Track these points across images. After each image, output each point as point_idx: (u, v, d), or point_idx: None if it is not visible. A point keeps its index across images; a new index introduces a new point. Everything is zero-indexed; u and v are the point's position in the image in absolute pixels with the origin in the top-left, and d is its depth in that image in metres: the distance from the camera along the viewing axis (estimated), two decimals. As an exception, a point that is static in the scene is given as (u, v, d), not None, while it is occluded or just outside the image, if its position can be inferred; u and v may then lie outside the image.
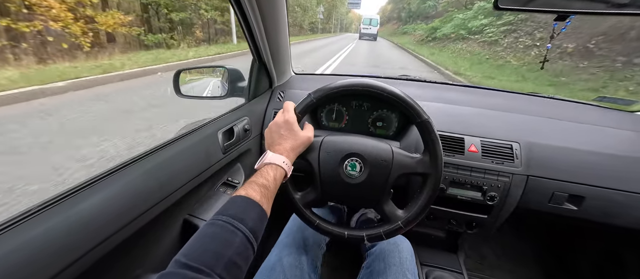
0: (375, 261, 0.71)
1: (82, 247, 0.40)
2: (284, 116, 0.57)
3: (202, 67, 1.19)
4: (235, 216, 0.40)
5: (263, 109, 1.04)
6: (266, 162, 0.51)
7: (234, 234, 0.38)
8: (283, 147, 0.54)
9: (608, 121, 0.90)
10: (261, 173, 0.49)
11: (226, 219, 0.39)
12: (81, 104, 3.58)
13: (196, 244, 0.37)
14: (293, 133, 0.56)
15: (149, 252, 0.57)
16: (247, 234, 0.39)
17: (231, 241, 0.37)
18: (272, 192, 0.48)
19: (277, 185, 0.50)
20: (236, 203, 0.43)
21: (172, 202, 0.58)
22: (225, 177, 0.84)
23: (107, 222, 0.44)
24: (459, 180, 0.84)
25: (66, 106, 3.48)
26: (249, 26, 0.83)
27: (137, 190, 0.50)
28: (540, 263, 1.30)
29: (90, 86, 4.25)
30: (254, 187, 0.46)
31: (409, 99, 0.55)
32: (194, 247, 0.36)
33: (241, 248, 0.38)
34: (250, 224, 0.40)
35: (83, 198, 0.43)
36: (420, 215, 0.57)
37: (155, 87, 4.53)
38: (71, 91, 3.95)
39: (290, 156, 0.54)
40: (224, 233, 0.38)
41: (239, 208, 0.42)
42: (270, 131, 0.57)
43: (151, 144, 0.59)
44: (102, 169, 0.48)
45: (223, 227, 0.39)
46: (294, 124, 0.56)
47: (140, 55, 6.79)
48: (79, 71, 4.49)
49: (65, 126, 2.89)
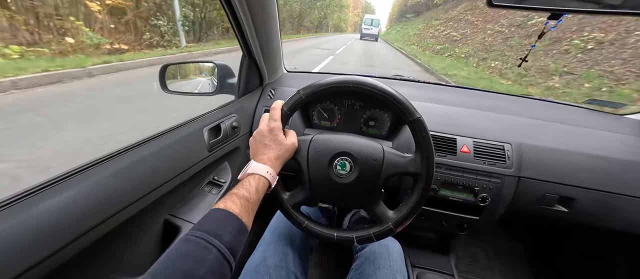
0: (364, 263, 0.69)
1: (43, 250, 0.37)
2: (269, 124, 0.55)
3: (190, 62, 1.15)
4: (211, 231, 0.38)
5: (253, 107, 1.01)
6: (249, 173, 0.50)
7: (208, 251, 0.36)
8: (267, 156, 0.53)
9: (598, 124, 0.91)
10: (243, 184, 0.47)
11: (200, 235, 0.37)
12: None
13: (166, 263, 0.35)
14: (277, 142, 0.54)
15: (124, 255, 0.54)
16: (223, 251, 0.37)
17: (204, 258, 0.36)
18: (254, 204, 0.47)
19: (259, 197, 0.48)
20: (212, 217, 0.41)
21: (150, 202, 0.55)
22: (211, 176, 0.81)
23: (72, 223, 0.41)
24: (451, 181, 0.83)
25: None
26: (237, 21, 0.80)
27: (107, 190, 0.47)
28: (531, 264, 1.30)
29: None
30: (234, 200, 0.44)
31: (400, 97, 0.54)
32: (164, 266, 0.34)
33: (215, 265, 0.36)
34: (226, 238, 0.39)
35: (44, 198, 0.40)
36: (411, 216, 0.56)
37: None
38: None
39: (274, 166, 0.53)
40: (196, 250, 0.36)
41: (215, 222, 0.40)
42: (255, 140, 0.56)
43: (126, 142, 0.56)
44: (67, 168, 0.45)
45: (196, 243, 0.37)
46: (278, 133, 0.55)
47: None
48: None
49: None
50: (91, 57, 4.79)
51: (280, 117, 0.56)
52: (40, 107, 2.90)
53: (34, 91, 3.27)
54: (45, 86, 3.49)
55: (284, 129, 0.57)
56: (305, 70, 1.34)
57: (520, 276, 1.25)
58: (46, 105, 2.99)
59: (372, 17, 25.56)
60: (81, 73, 4.07)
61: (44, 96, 3.23)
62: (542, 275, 1.25)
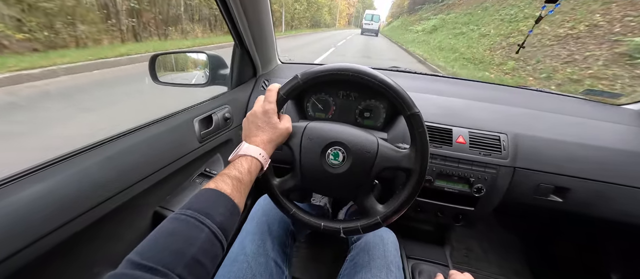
0: (359, 254, 0.69)
1: (21, 240, 0.36)
2: (263, 106, 0.54)
3: (180, 52, 1.12)
4: (201, 210, 0.36)
5: (246, 98, 0.99)
6: (241, 154, 0.48)
7: (199, 230, 0.35)
8: (260, 138, 0.51)
9: (594, 114, 0.90)
10: (234, 165, 0.46)
11: (191, 214, 0.36)
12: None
13: (153, 241, 0.33)
14: (271, 125, 0.53)
15: (109, 247, 0.52)
16: (215, 230, 0.36)
17: (195, 237, 0.34)
18: (246, 185, 0.45)
19: (252, 178, 0.47)
20: (203, 196, 0.39)
21: (136, 193, 0.53)
22: (203, 168, 0.80)
23: (53, 212, 0.40)
24: (447, 172, 0.82)
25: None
26: (228, 10, 0.78)
27: (90, 179, 0.45)
28: (525, 254, 1.31)
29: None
30: (225, 180, 0.42)
31: (399, 89, 0.52)
32: (150, 244, 0.32)
33: (207, 244, 0.34)
34: (218, 219, 0.37)
35: (24, 186, 0.39)
36: (400, 211, 0.55)
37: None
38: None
39: (267, 148, 0.51)
40: (187, 228, 0.35)
41: (206, 202, 0.38)
42: (248, 121, 0.54)
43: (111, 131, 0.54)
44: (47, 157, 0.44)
45: (187, 222, 0.35)
46: (273, 116, 0.53)
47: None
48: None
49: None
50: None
51: (275, 99, 0.54)
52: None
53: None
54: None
55: (279, 114, 0.56)
56: (300, 61, 1.32)
57: (516, 267, 1.26)
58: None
59: (372, 13, 26.78)
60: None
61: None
62: (537, 265, 1.26)
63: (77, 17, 5.46)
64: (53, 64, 3.63)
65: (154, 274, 0.29)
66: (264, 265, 0.61)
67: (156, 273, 0.29)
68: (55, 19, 5.03)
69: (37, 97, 3.08)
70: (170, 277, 0.30)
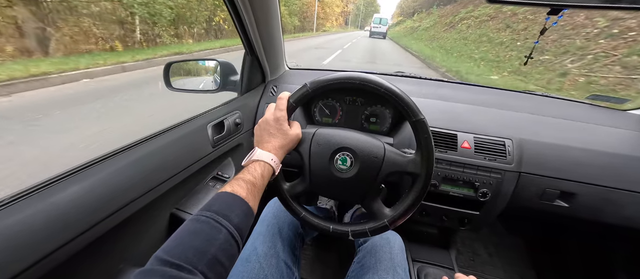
0: (366, 256, 0.71)
1: (59, 239, 0.39)
2: (275, 113, 0.56)
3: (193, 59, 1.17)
4: (220, 212, 0.39)
5: (256, 104, 1.02)
6: (254, 159, 0.50)
7: (218, 231, 0.37)
8: (272, 144, 0.54)
9: (600, 119, 0.90)
10: (248, 170, 0.48)
11: (210, 215, 0.38)
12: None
13: (178, 240, 0.35)
14: (282, 131, 0.55)
15: (132, 246, 0.55)
16: (232, 231, 0.38)
17: (215, 238, 0.36)
18: (260, 189, 0.47)
19: (264, 182, 0.49)
20: (221, 199, 0.42)
21: (156, 196, 0.57)
22: (215, 172, 0.83)
23: (86, 213, 0.43)
24: (452, 176, 0.83)
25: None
26: (239, 18, 0.81)
27: (119, 182, 0.49)
28: (532, 259, 1.31)
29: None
30: (240, 184, 0.45)
31: (405, 97, 0.54)
32: (176, 243, 0.35)
33: (225, 244, 0.37)
34: (235, 220, 0.39)
35: (61, 189, 0.42)
36: (407, 215, 0.57)
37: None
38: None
39: (278, 154, 0.53)
40: (207, 229, 0.37)
41: (223, 204, 0.41)
42: (260, 128, 0.57)
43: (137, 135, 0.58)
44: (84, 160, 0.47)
45: (207, 223, 0.37)
46: (283, 123, 0.56)
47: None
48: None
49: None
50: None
51: (286, 107, 0.57)
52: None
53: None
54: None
55: (289, 121, 0.58)
56: (307, 67, 1.35)
57: (521, 271, 1.26)
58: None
59: (380, 16, 28.64)
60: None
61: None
62: (543, 270, 1.26)
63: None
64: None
65: (180, 270, 0.31)
66: (275, 266, 0.64)
67: (182, 270, 0.31)
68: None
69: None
70: (194, 273, 0.32)
